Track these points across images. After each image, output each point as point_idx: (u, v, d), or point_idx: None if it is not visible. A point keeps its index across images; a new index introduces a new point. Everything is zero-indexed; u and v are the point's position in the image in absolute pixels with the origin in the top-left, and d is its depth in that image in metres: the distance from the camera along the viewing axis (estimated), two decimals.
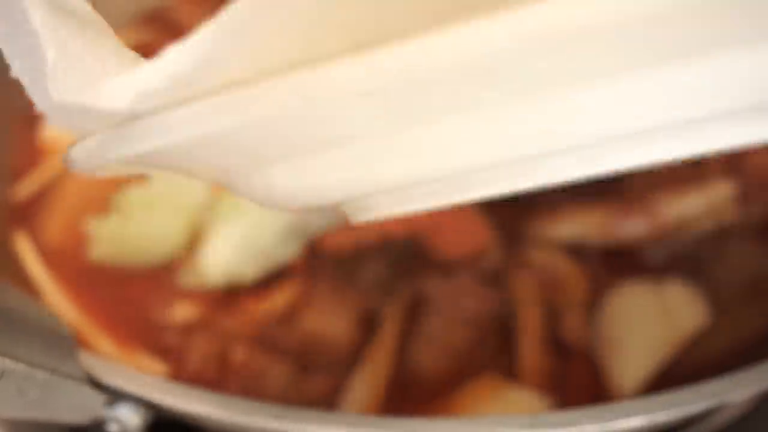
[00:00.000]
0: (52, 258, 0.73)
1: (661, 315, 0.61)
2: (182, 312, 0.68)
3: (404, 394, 0.61)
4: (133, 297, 0.70)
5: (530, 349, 0.62)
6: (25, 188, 0.80)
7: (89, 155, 0.32)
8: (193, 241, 0.72)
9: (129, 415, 0.48)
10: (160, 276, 0.71)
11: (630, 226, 0.68)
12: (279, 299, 0.69)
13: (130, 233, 0.70)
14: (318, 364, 0.64)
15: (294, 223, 0.67)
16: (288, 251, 0.68)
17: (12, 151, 0.83)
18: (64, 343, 0.44)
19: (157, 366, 0.65)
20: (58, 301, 0.69)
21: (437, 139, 0.30)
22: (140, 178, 0.71)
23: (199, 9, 0.96)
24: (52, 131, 0.85)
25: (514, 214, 0.69)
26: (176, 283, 0.71)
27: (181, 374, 0.64)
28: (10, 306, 0.40)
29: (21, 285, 0.70)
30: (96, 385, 0.46)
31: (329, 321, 0.66)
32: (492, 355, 0.63)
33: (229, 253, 0.66)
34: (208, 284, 0.67)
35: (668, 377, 0.60)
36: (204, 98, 0.29)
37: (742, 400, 0.65)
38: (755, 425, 0.67)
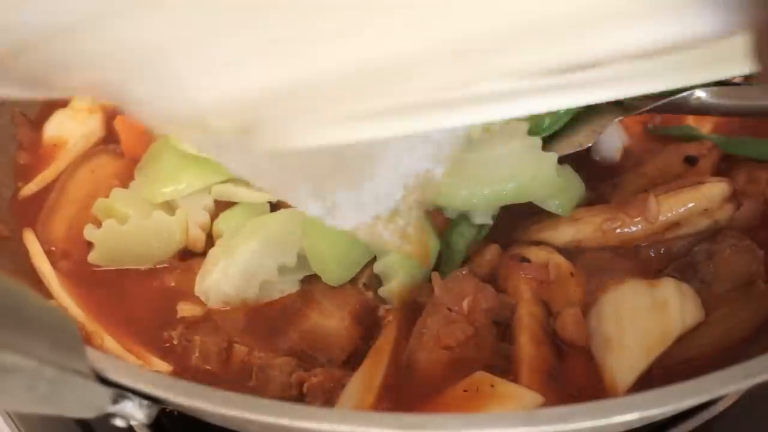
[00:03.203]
0: (57, 256, 0.74)
1: (655, 313, 0.62)
2: (185, 310, 0.69)
3: (401, 391, 0.62)
4: (137, 296, 0.71)
5: (527, 346, 0.62)
6: (33, 187, 0.81)
7: None
8: (189, 243, 0.73)
9: (134, 410, 0.48)
10: (163, 276, 0.72)
11: (626, 229, 0.68)
12: (281, 299, 0.70)
13: (126, 236, 0.71)
14: (317, 361, 0.65)
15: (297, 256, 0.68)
16: (288, 283, 0.70)
17: (19, 150, 0.84)
18: (71, 340, 0.44)
19: (161, 363, 0.65)
20: (65, 298, 0.69)
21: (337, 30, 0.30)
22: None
23: None
24: (55, 131, 0.86)
25: (512, 221, 0.70)
26: (178, 283, 0.72)
27: (184, 371, 0.65)
28: (19, 303, 0.40)
29: (29, 281, 0.71)
30: (103, 381, 0.47)
31: (329, 319, 0.67)
32: (489, 353, 0.63)
33: (229, 282, 0.67)
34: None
35: (662, 373, 0.60)
36: None
37: (732, 394, 0.67)
38: (746, 415, 0.68)
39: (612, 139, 0.76)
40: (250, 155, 0.45)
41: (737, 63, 0.32)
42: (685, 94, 0.69)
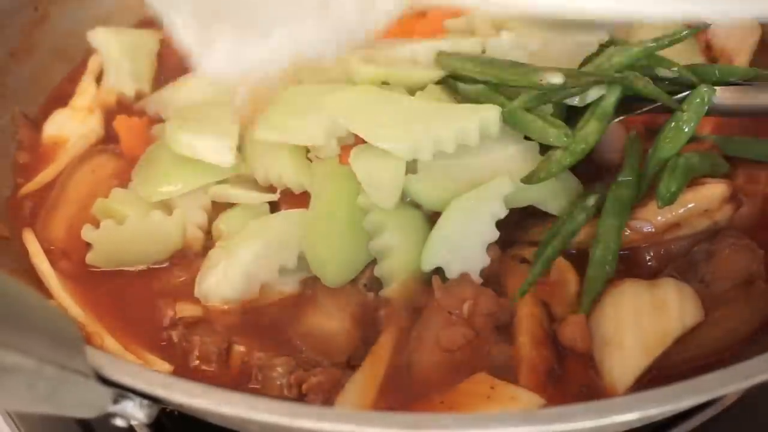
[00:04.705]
0: (57, 255, 0.74)
1: (654, 313, 0.62)
2: (184, 311, 0.69)
3: (401, 391, 0.61)
4: (136, 296, 0.71)
5: (527, 347, 0.62)
6: (33, 186, 0.81)
7: None
8: (187, 244, 0.73)
9: (135, 410, 0.48)
10: (162, 277, 0.72)
11: (626, 230, 0.68)
12: (281, 300, 0.70)
13: (123, 237, 0.71)
14: (317, 361, 0.65)
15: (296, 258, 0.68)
16: (288, 284, 0.70)
17: (19, 150, 0.84)
18: (72, 340, 0.44)
19: (161, 363, 0.65)
20: (65, 298, 0.69)
21: None
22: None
23: None
24: (55, 131, 0.86)
25: (513, 222, 0.70)
26: (177, 283, 0.72)
27: (184, 371, 0.65)
28: (20, 303, 0.41)
29: (29, 281, 0.71)
30: (103, 380, 0.47)
31: (330, 320, 0.67)
32: (489, 356, 0.63)
33: (229, 284, 0.67)
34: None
35: (661, 373, 0.60)
36: None
37: (732, 394, 0.67)
38: (746, 415, 0.68)
39: (612, 139, 0.76)
40: None
41: None
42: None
